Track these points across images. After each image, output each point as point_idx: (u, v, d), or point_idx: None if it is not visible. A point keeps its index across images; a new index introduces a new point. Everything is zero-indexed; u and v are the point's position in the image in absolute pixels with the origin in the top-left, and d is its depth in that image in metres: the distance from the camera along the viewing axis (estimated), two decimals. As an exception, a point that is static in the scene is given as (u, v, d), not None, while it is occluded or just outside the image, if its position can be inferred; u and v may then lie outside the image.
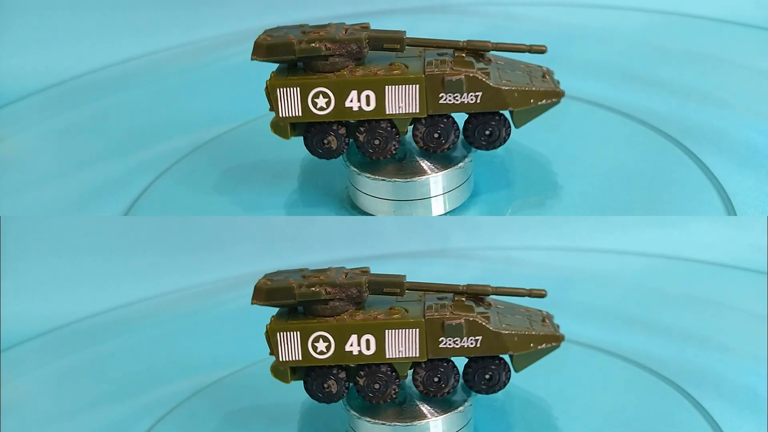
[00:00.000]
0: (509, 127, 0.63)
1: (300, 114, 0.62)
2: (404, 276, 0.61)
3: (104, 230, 0.84)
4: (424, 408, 0.61)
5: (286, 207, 0.67)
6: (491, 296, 0.62)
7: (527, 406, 0.65)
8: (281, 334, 0.60)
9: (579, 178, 0.67)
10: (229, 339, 0.75)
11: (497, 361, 0.61)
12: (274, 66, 0.63)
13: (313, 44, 0.61)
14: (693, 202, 0.66)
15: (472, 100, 0.61)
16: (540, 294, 0.62)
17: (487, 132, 0.63)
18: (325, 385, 0.60)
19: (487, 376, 0.61)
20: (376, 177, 0.63)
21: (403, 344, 0.60)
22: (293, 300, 0.59)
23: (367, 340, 0.59)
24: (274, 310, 0.61)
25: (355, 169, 0.64)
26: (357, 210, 0.65)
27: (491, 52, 0.63)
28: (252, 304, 0.60)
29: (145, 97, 0.78)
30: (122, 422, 0.67)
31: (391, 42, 0.62)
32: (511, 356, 0.61)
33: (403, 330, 0.59)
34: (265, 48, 0.61)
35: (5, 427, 0.67)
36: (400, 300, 0.61)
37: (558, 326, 0.62)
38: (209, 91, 0.79)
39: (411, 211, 0.63)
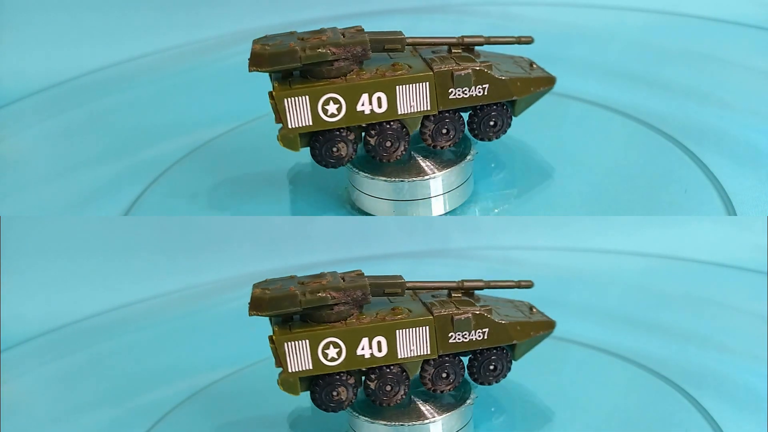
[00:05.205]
0: (510, 115, 0.64)
1: (311, 123, 0.61)
2: (402, 276, 0.61)
3: (104, 230, 0.84)
4: (424, 408, 0.61)
5: (286, 207, 0.67)
6: (479, 292, 0.62)
7: (527, 406, 0.65)
8: (289, 344, 0.59)
9: (579, 178, 0.67)
10: (229, 340, 0.75)
11: (498, 351, 0.61)
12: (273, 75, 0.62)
13: (319, 50, 0.60)
14: (693, 202, 0.66)
15: (479, 92, 0.62)
16: (528, 285, 0.63)
17: (492, 123, 0.63)
18: (335, 393, 0.60)
19: (491, 367, 0.61)
20: (376, 177, 0.63)
21: (414, 343, 0.59)
22: (298, 308, 0.58)
23: (379, 342, 0.59)
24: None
25: (355, 169, 0.64)
26: (357, 210, 0.65)
27: (479, 47, 0.63)
28: (251, 315, 0.59)
29: (145, 97, 0.78)
30: (122, 423, 0.67)
31: (392, 43, 0.62)
32: (512, 345, 0.61)
33: (414, 329, 0.59)
34: (267, 57, 0.60)
35: (5, 427, 0.67)
36: (396, 300, 0.61)
37: (544, 313, 0.63)
38: (209, 91, 0.79)
39: (411, 211, 0.63)
